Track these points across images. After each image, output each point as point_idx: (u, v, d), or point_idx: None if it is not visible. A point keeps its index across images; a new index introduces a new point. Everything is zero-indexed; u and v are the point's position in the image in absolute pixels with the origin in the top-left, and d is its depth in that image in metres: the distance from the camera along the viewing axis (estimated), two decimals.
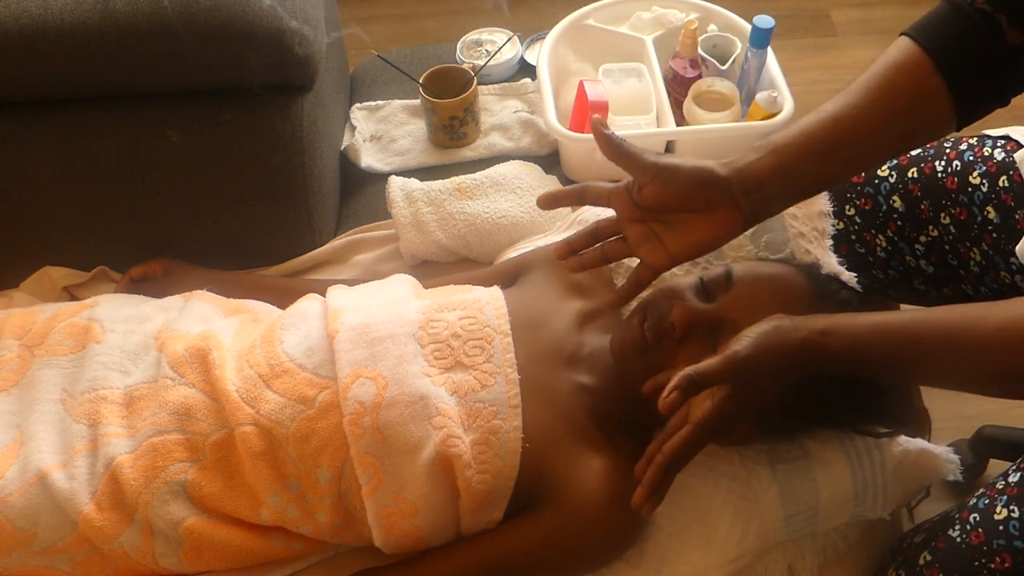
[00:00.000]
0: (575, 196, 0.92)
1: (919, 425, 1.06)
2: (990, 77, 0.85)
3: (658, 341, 0.88)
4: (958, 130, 0.87)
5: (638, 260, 0.90)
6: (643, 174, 0.84)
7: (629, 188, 0.87)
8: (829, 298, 0.92)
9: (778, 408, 0.88)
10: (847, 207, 1.14)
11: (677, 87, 1.39)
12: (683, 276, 0.92)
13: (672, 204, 0.84)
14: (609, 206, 0.89)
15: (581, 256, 0.92)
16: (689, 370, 0.75)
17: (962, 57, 0.84)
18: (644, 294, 1.05)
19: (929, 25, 0.86)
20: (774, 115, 1.28)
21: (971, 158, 1.06)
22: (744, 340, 0.77)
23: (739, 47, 1.37)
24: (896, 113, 0.85)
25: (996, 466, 1.45)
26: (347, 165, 1.40)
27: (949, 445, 1.01)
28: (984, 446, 1.50)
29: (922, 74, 0.84)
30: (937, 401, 1.15)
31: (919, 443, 0.98)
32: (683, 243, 0.86)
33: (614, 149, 0.85)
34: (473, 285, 1.04)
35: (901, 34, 0.88)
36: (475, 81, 1.35)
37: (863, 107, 0.84)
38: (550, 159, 1.39)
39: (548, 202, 0.92)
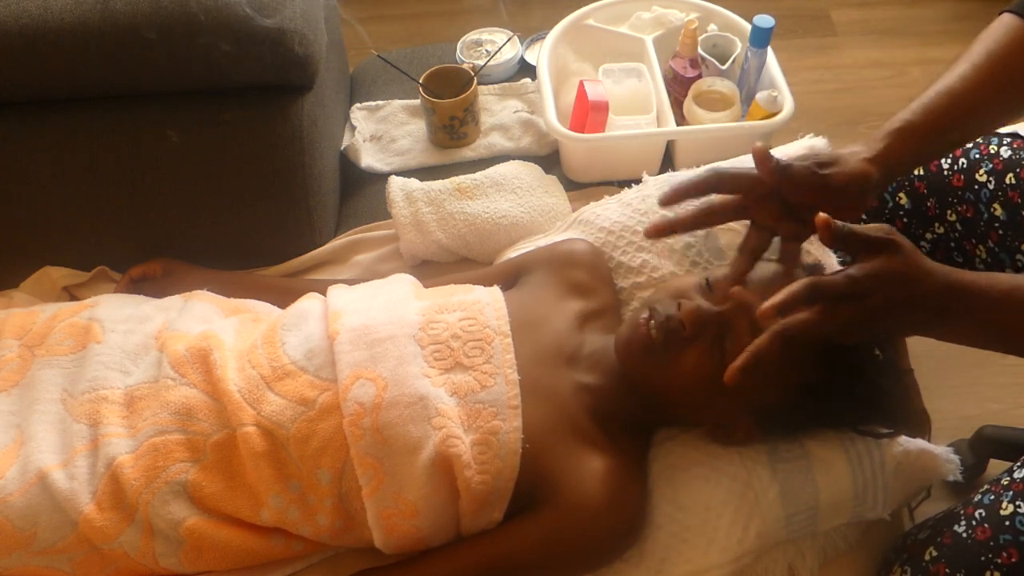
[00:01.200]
0: (708, 186, 0.88)
1: (919, 425, 1.06)
2: None
3: (666, 340, 0.88)
4: None
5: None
6: (807, 194, 0.84)
7: (772, 193, 0.86)
8: None
9: (781, 405, 0.88)
10: None
11: (677, 87, 1.39)
12: (687, 276, 0.91)
13: (826, 208, 0.80)
14: (746, 202, 0.88)
15: (673, 219, 0.89)
16: (815, 278, 0.73)
17: None
18: (644, 294, 1.05)
19: None
20: (774, 115, 1.28)
21: (977, 156, 1.06)
22: (873, 265, 0.74)
23: (739, 47, 1.37)
24: (1014, 85, 0.91)
25: (996, 466, 1.45)
26: (347, 165, 1.40)
27: (949, 445, 1.01)
28: (984, 446, 1.50)
29: None
30: (937, 401, 1.15)
31: (919, 443, 0.97)
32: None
33: (781, 177, 0.84)
34: (473, 285, 1.04)
35: (1002, 11, 0.93)
36: (475, 81, 1.35)
37: (982, 83, 0.90)
38: (550, 159, 1.39)
39: (671, 199, 0.88)
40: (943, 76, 0.91)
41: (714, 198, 0.90)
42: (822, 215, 0.73)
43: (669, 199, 0.89)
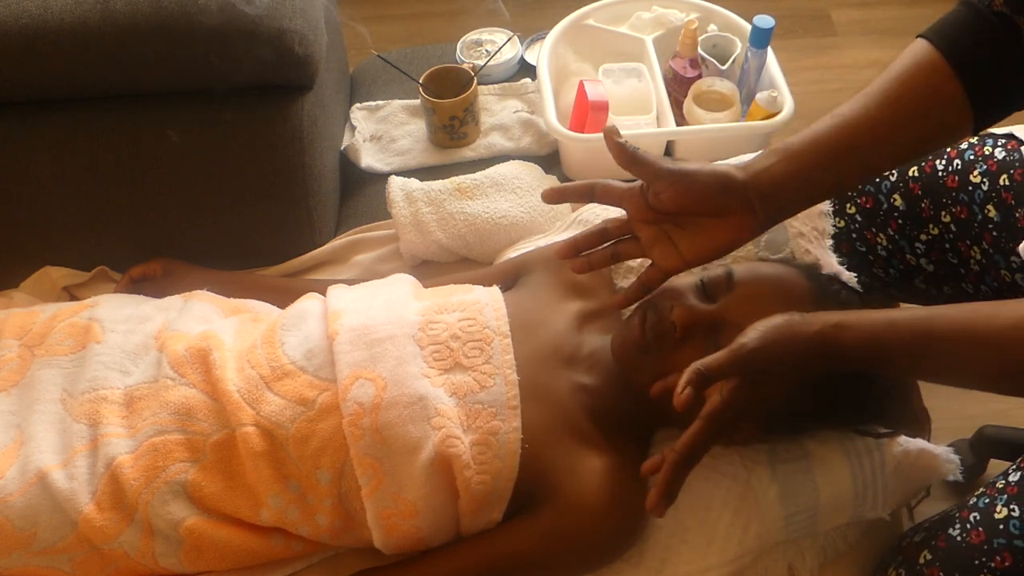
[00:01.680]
0: (584, 193, 0.91)
1: (919, 425, 1.06)
2: (1008, 81, 0.84)
3: (658, 341, 0.88)
4: (974, 134, 0.87)
5: (635, 261, 0.89)
6: (660, 181, 0.84)
7: (643, 190, 0.86)
8: (830, 299, 0.92)
9: (782, 408, 0.88)
10: (848, 205, 1.14)
11: (677, 87, 1.39)
12: (683, 276, 0.92)
13: (689, 208, 0.84)
14: (620, 206, 0.89)
15: (588, 256, 0.92)
16: (696, 364, 0.75)
17: (980, 61, 0.83)
18: None
19: (946, 27, 0.85)
20: (774, 115, 1.28)
21: (972, 157, 1.06)
22: (751, 333, 0.77)
23: (739, 47, 1.37)
24: (912, 118, 0.84)
25: (996, 466, 1.45)
26: (347, 165, 1.40)
27: (949, 445, 1.00)
28: (984, 446, 1.50)
29: (940, 78, 0.83)
30: (937, 401, 1.15)
31: (919, 443, 0.97)
32: (697, 247, 0.86)
33: (628, 157, 0.84)
34: (473, 285, 1.04)
35: (918, 36, 0.87)
36: (475, 81, 1.35)
37: (878, 112, 0.84)
38: (550, 159, 1.39)
39: (554, 196, 0.91)
40: (847, 102, 0.86)
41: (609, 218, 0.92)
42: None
43: (550, 197, 0.91)
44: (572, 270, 0.93)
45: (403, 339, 0.93)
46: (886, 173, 1.12)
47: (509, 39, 1.48)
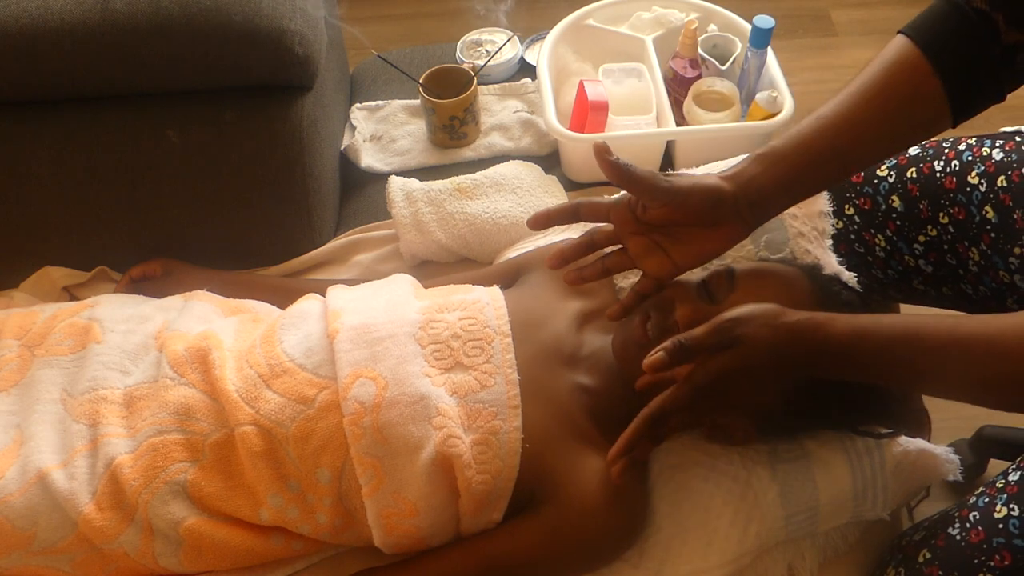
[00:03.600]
0: (569, 214, 0.90)
1: (919, 426, 1.06)
2: (986, 76, 0.85)
3: (660, 340, 0.88)
4: (954, 127, 0.88)
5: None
6: (653, 199, 0.84)
7: (630, 204, 0.86)
8: (831, 299, 0.92)
9: (780, 407, 0.88)
10: (846, 206, 1.14)
11: (677, 87, 1.39)
12: (686, 276, 0.92)
13: (679, 222, 0.85)
14: (608, 222, 0.89)
15: (581, 270, 0.92)
16: (678, 336, 0.76)
17: (959, 56, 0.84)
18: None
19: (926, 24, 0.86)
20: (774, 115, 1.28)
21: (970, 158, 1.06)
22: (737, 309, 0.78)
23: (739, 47, 1.37)
24: (893, 114, 0.86)
25: (996, 466, 1.45)
26: (347, 165, 1.40)
27: (949, 445, 1.00)
28: (984, 446, 1.50)
29: (919, 75, 0.85)
30: (937, 401, 1.14)
31: (919, 443, 0.97)
32: (688, 254, 0.87)
33: (621, 175, 0.83)
34: (473, 285, 1.04)
35: (898, 32, 0.88)
36: (475, 81, 1.35)
37: (860, 110, 0.85)
38: (550, 159, 1.39)
39: (540, 222, 0.90)
40: (829, 101, 0.87)
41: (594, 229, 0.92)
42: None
43: (536, 224, 0.90)
44: (565, 281, 0.93)
45: (404, 338, 0.93)
46: (884, 175, 1.12)
47: (509, 39, 1.48)
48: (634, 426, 0.78)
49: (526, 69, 1.52)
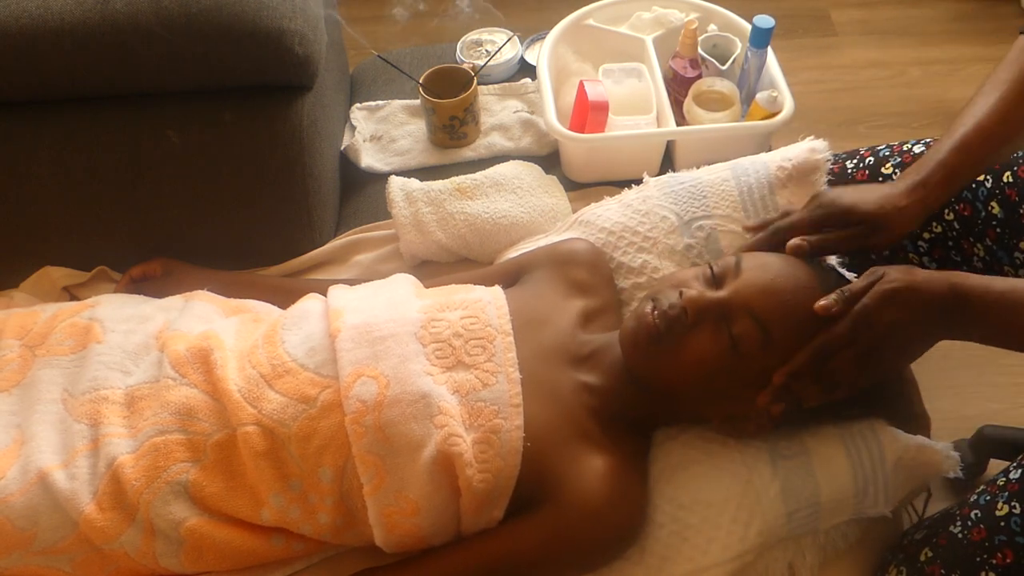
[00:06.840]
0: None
1: (920, 426, 1.06)
2: None
3: (669, 328, 0.88)
4: None
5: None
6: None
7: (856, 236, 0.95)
8: (834, 288, 0.92)
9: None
10: None
11: (677, 87, 1.39)
12: (688, 268, 0.92)
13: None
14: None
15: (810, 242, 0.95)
16: (839, 289, 0.85)
17: None
18: (644, 295, 1.05)
19: None
20: (774, 115, 1.29)
21: None
22: (891, 271, 0.84)
23: (739, 47, 1.37)
24: None
25: (996, 466, 1.45)
26: (347, 165, 1.40)
27: None
28: (984, 446, 1.50)
29: None
30: (937, 401, 1.15)
31: (919, 439, 0.97)
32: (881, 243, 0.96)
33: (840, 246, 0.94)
34: (474, 285, 1.04)
35: (1020, 32, 0.99)
36: (475, 81, 1.35)
37: (1008, 114, 0.95)
38: (550, 159, 1.39)
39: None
40: (970, 109, 0.95)
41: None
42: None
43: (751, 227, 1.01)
44: (789, 251, 0.94)
45: (405, 337, 0.93)
46: (888, 172, 1.12)
47: (509, 39, 1.48)
48: (804, 355, 0.83)
49: (526, 69, 1.52)
